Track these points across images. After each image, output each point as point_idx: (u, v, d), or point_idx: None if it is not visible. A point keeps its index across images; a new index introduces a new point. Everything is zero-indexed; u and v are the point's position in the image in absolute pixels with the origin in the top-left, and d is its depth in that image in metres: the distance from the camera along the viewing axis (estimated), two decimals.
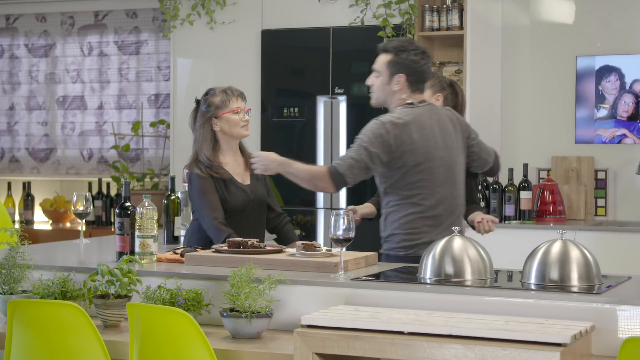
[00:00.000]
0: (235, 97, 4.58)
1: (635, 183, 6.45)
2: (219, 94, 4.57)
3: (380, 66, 4.27)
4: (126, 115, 8.18)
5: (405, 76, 4.21)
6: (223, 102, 4.55)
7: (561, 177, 6.53)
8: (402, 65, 4.21)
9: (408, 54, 4.21)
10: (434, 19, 6.50)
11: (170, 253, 4.13)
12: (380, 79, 4.27)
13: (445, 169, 4.24)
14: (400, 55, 4.22)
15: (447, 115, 4.35)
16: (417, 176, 4.19)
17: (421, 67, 4.22)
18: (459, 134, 4.35)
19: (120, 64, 8.22)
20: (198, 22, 7.06)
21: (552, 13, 6.67)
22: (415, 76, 4.22)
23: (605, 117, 6.53)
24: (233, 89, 4.62)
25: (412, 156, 4.15)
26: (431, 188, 4.20)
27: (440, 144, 4.23)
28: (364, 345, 3.04)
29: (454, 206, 4.29)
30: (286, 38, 6.81)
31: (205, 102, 4.59)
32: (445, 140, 4.26)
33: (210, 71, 7.09)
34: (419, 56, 4.22)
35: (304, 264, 3.76)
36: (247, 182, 4.58)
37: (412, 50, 4.22)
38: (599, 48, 6.52)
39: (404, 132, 4.14)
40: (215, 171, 4.49)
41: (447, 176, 4.25)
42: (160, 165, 7.90)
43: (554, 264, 3.36)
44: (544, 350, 2.82)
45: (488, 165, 4.54)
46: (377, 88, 4.30)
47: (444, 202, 4.24)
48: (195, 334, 3.11)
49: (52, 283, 3.60)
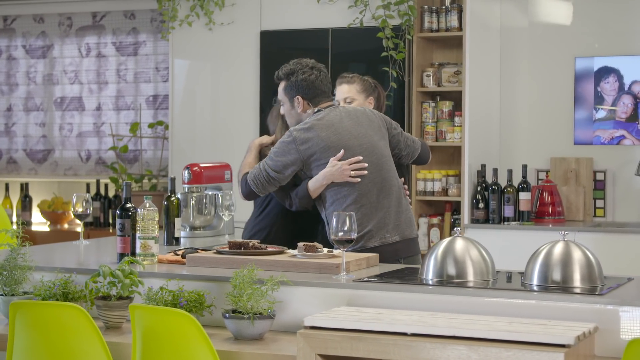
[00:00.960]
0: None
1: (634, 184, 6.45)
2: None
3: (280, 95, 4.44)
4: (124, 116, 8.17)
5: (301, 96, 4.35)
6: None
7: (560, 178, 6.53)
8: (294, 88, 4.35)
9: (297, 75, 4.35)
10: (433, 20, 6.51)
11: (171, 254, 4.12)
12: (285, 106, 4.43)
13: (367, 154, 4.26)
14: (290, 79, 4.37)
15: (359, 110, 4.42)
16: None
17: (312, 83, 4.34)
18: (377, 123, 4.39)
19: (118, 65, 8.21)
20: (197, 23, 7.05)
21: (551, 14, 6.68)
22: (310, 93, 4.34)
23: (604, 118, 6.53)
24: None
25: (325, 152, 4.22)
26: (365, 178, 4.23)
27: (355, 133, 4.28)
28: (367, 347, 3.03)
29: (387, 188, 4.28)
30: (285, 39, 6.81)
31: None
32: (359, 130, 4.31)
33: (209, 72, 7.09)
34: (306, 73, 4.34)
35: (306, 265, 3.75)
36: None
37: (299, 70, 4.36)
38: (597, 49, 6.53)
39: (309, 133, 4.23)
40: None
41: (371, 160, 4.27)
42: (159, 166, 7.89)
43: (557, 265, 3.36)
44: (548, 351, 2.82)
45: (417, 152, 4.59)
46: (287, 116, 4.45)
47: (376, 186, 4.24)
48: (198, 336, 3.10)
49: (54, 284, 3.60)
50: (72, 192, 8.27)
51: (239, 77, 6.95)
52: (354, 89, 4.79)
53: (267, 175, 4.25)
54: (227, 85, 7.03)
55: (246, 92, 6.95)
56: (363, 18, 6.51)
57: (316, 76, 4.34)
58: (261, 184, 4.27)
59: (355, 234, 3.60)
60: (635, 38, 6.46)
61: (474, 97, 6.28)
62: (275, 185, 4.28)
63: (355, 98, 4.76)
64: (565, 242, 3.41)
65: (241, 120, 6.96)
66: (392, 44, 6.36)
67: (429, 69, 6.57)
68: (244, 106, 6.95)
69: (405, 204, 4.35)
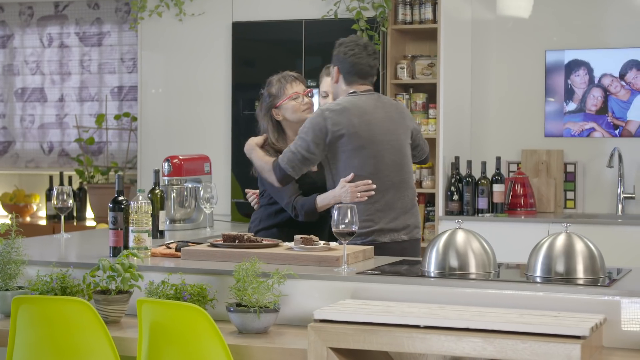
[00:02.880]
0: (290, 83, 4.54)
1: (603, 176, 6.52)
2: (275, 83, 4.56)
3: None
4: (88, 107, 8.07)
5: (338, 68, 4.36)
6: (279, 90, 4.53)
7: (531, 170, 6.58)
8: (335, 59, 4.38)
9: (340, 48, 4.37)
10: (407, 13, 6.51)
11: (163, 247, 4.08)
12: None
13: (392, 153, 4.29)
14: (335, 51, 4.40)
15: (393, 104, 4.46)
16: (363, 160, 4.24)
17: (349, 58, 4.33)
18: (407, 122, 4.44)
19: (81, 55, 8.10)
20: (166, 13, 6.98)
21: (521, 7, 6.72)
22: (346, 67, 4.34)
23: (574, 111, 6.59)
24: (287, 75, 4.58)
25: (354, 139, 4.22)
26: (376, 172, 4.26)
27: (385, 128, 4.30)
28: (380, 340, 3.03)
29: (404, 189, 4.31)
30: (257, 30, 6.76)
31: (266, 93, 4.59)
32: (389, 126, 4.33)
33: (179, 64, 7.01)
34: (348, 48, 4.35)
35: (305, 258, 3.73)
36: (315, 169, 4.54)
37: (345, 44, 4.37)
38: (568, 42, 6.58)
39: (341, 116, 4.23)
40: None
41: (394, 159, 4.31)
42: (125, 158, 7.81)
43: (560, 256, 3.38)
44: (564, 343, 2.84)
45: (425, 154, 4.66)
46: (330, 86, 4.50)
47: (394, 186, 4.27)
48: (210, 329, 3.07)
49: (51, 279, 3.54)
50: (34, 184, 8.18)
51: (210, 69, 6.90)
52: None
53: (302, 157, 4.21)
54: (198, 77, 6.97)
55: (218, 84, 6.89)
56: (337, 10, 6.49)
57: (355, 54, 4.33)
58: (297, 167, 4.23)
59: (356, 226, 3.58)
60: (606, 31, 6.53)
61: (447, 90, 6.29)
62: (308, 165, 4.26)
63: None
64: (567, 233, 3.43)
65: (212, 112, 6.90)
66: (367, 36, 6.35)
67: (403, 61, 6.58)
68: (215, 99, 6.90)
69: (416, 207, 4.40)
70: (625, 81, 6.47)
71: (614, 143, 6.45)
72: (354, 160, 4.25)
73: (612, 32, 6.51)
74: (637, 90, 6.45)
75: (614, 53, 6.49)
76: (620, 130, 6.49)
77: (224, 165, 6.73)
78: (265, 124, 4.60)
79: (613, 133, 6.50)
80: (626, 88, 6.47)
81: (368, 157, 4.26)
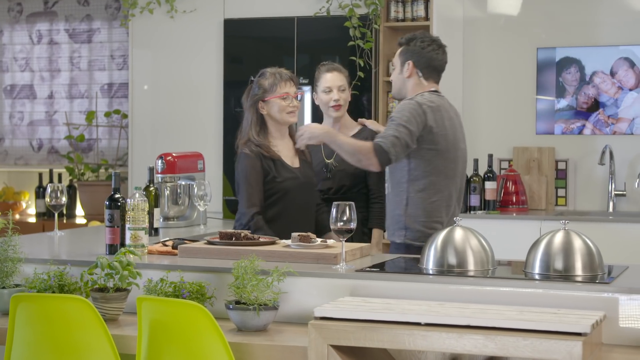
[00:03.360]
0: (284, 81, 4.48)
1: (594, 173, 6.54)
2: (269, 77, 4.49)
3: (395, 58, 4.40)
4: (78, 104, 8.04)
5: (413, 62, 4.31)
6: (272, 86, 4.47)
7: (522, 168, 6.59)
8: (409, 53, 4.33)
9: (416, 42, 4.33)
10: (399, 10, 6.51)
11: (160, 245, 4.07)
12: (395, 70, 4.39)
13: (462, 161, 4.33)
14: (409, 44, 4.34)
15: (457, 111, 4.47)
16: (445, 162, 4.26)
17: (428, 53, 4.32)
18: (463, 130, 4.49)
19: (71, 52, 8.07)
20: (158, 10, 6.96)
21: (512, 5, 6.72)
22: (422, 62, 4.31)
23: (565, 109, 6.61)
24: (283, 73, 4.52)
25: (443, 141, 4.24)
26: (453, 177, 4.29)
27: (460, 136, 4.33)
28: (381, 337, 3.02)
29: (458, 198, 4.34)
30: (249, 28, 6.75)
31: (257, 83, 4.53)
32: (462, 133, 4.40)
33: (171, 61, 6.99)
34: (425, 43, 4.33)
35: (303, 255, 3.73)
36: (297, 165, 4.53)
37: (419, 38, 4.34)
38: (559, 40, 6.59)
39: (438, 115, 4.24)
40: (265, 150, 4.44)
41: (462, 168, 4.33)
42: (115, 155, 7.78)
43: (558, 254, 3.39)
44: (566, 340, 2.84)
45: None
46: (394, 80, 4.41)
47: (456, 194, 4.30)
48: (211, 327, 3.07)
49: (49, 277, 3.52)
50: (24, 182, 8.15)
51: (201, 66, 6.88)
52: (344, 77, 4.78)
53: (405, 144, 4.17)
54: (189, 74, 6.95)
55: (209, 81, 6.88)
56: (330, 7, 6.48)
57: (434, 50, 4.33)
58: (399, 153, 4.18)
59: (354, 224, 3.57)
60: (597, 29, 6.55)
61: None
62: (404, 154, 4.21)
63: (346, 87, 4.76)
64: (566, 231, 3.43)
65: (205, 109, 6.89)
66: (359, 33, 6.35)
67: None
68: (206, 96, 6.88)
69: None
70: (616, 79, 6.49)
71: (605, 140, 6.47)
72: (437, 161, 4.25)
73: (603, 30, 6.53)
74: (628, 88, 6.47)
75: (605, 50, 6.51)
76: (611, 128, 6.51)
77: (216, 162, 6.72)
78: (250, 115, 4.52)
79: (604, 130, 6.52)
80: (617, 85, 6.49)
81: (449, 162, 4.29)
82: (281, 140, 4.52)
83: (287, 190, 4.42)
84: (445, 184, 4.25)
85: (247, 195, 4.36)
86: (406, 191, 4.26)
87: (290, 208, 4.42)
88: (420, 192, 4.23)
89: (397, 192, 4.30)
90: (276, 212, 4.42)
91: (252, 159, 4.40)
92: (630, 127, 6.47)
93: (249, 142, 4.46)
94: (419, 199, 4.21)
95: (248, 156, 4.41)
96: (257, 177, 4.39)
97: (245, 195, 4.36)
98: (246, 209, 4.35)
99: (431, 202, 4.23)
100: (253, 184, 4.37)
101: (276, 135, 4.51)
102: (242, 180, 4.39)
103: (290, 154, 4.53)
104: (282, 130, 4.53)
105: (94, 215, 7.30)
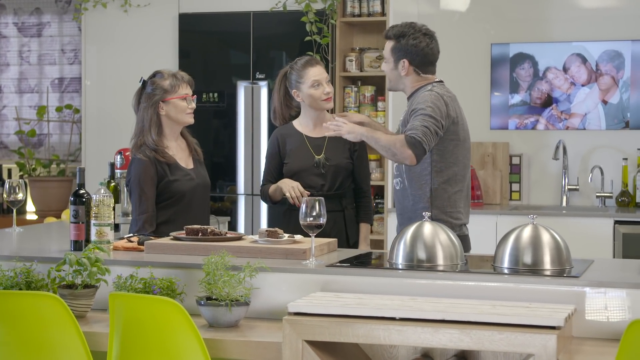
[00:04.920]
0: (184, 83, 4.43)
1: (548, 168, 6.62)
2: (168, 78, 4.42)
3: (386, 53, 4.37)
4: (28, 99, 7.93)
5: (408, 61, 4.30)
6: (172, 86, 4.40)
7: (477, 163, 6.65)
8: (402, 51, 4.30)
9: (407, 39, 4.29)
10: (355, 5, 6.53)
11: (125, 241, 4.03)
12: (388, 65, 4.37)
13: (471, 150, 4.41)
14: (401, 42, 4.30)
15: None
16: (464, 152, 4.29)
17: (422, 50, 4.30)
18: None
19: (20, 46, 7.96)
20: (111, 4, 6.90)
21: (463, 1, 6.77)
22: (418, 59, 4.30)
23: (519, 104, 6.68)
24: (183, 75, 4.46)
25: (462, 131, 4.27)
26: (468, 167, 4.36)
27: (468, 127, 4.35)
28: (356, 332, 3.03)
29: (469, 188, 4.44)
30: (204, 22, 6.72)
31: (153, 84, 4.44)
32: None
33: (125, 55, 6.94)
34: (417, 39, 4.29)
35: (272, 251, 3.72)
36: (191, 166, 4.49)
37: (410, 35, 4.30)
38: (513, 36, 6.66)
39: (456, 105, 4.27)
40: (160, 155, 4.37)
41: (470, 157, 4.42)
42: (67, 151, 7.69)
43: (527, 248, 3.42)
44: (540, 333, 2.87)
45: None
46: (387, 74, 4.41)
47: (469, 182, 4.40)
48: (185, 323, 3.05)
49: (15, 274, 3.47)
50: None
51: (156, 60, 6.81)
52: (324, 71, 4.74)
53: (436, 134, 4.14)
54: (143, 69, 6.79)
55: None
56: (286, 2, 6.47)
57: (427, 44, 4.30)
58: (431, 143, 4.13)
59: (324, 219, 3.57)
60: (550, 25, 6.62)
61: None
62: (436, 142, 4.17)
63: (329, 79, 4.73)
64: (534, 225, 3.47)
65: None
66: (316, 28, 6.35)
67: (352, 53, 6.59)
68: None
69: None
70: (569, 74, 6.57)
71: (559, 135, 6.55)
72: (458, 151, 4.26)
73: (556, 26, 6.61)
74: (581, 84, 6.55)
75: (558, 47, 6.59)
76: (564, 123, 6.59)
77: None
78: (149, 115, 4.42)
79: (557, 125, 6.60)
80: (570, 81, 6.57)
81: (467, 151, 4.31)
82: (175, 142, 4.47)
83: (183, 192, 4.38)
84: (464, 174, 4.30)
85: (139, 203, 4.31)
86: (429, 183, 4.26)
87: (187, 209, 4.39)
88: (444, 184, 4.24)
89: (418, 185, 4.27)
90: (172, 214, 4.37)
91: (146, 164, 4.33)
92: (582, 122, 6.56)
93: (143, 147, 4.38)
94: (443, 191, 4.21)
95: (142, 161, 4.33)
96: (150, 184, 4.32)
97: (138, 202, 4.31)
98: (137, 216, 4.31)
99: (454, 192, 4.25)
100: (146, 190, 4.31)
101: (170, 136, 4.45)
102: (134, 186, 4.32)
103: (184, 155, 4.49)
104: (176, 131, 4.47)
105: (46, 212, 7.21)
